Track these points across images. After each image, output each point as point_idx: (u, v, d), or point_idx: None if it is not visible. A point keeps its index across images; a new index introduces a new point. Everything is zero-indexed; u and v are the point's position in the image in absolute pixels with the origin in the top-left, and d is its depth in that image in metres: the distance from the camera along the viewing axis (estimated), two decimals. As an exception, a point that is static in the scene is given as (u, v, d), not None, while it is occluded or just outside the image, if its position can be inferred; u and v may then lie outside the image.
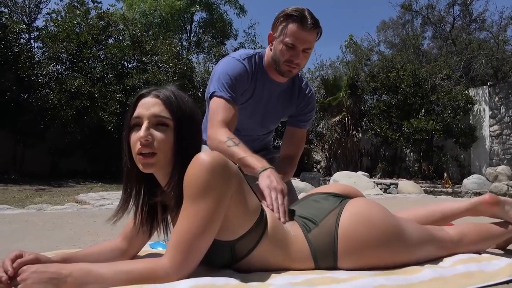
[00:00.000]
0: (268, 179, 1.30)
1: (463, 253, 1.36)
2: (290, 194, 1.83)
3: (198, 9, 18.72)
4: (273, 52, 1.67)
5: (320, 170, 15.39)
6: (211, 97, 1.64)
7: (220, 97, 1.61)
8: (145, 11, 18.04)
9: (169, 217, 1.20)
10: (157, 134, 1.05)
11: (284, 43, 1.60)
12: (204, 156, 1.00)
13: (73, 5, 13.21)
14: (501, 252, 1.53)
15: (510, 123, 11.25)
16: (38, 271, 0.90)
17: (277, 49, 1.64)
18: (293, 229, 1.19)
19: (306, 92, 1.86)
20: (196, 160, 1.00)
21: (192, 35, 19.76)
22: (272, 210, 1.21)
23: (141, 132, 1.04)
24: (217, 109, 1.59)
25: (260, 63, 1.74)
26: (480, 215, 1.52)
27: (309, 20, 1.57)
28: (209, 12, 19.65)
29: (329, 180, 9.70)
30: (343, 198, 1.31)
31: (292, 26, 1.58)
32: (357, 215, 1.19)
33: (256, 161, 1.39)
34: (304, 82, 1.88)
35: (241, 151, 1.43)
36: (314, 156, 16.18)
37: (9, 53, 10.29)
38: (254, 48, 18.09)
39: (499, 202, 1.49)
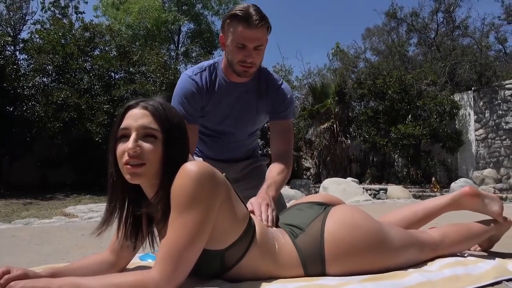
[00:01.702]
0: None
1: (448, 255, 1.38)
2: (278, 201, 1.85)
3: (185, 20, 18.77)
4: (226, 54, 1.67)
5: (310, 177, 15.44)
6: None
7: None
8: (130, 23, 18.00)
9: (155, 230, 1.19)
10: (146, 145, 1.04)
11: (235, 44, 1.58)
12: (191, 166, 1.00)
13: (56, 16, 13.16)
14: (486, 254, 1.56)
15: (495, 127, 11.45)
16: (26, 287, 0.89)
17: (229, 51, 1.63)
18: (281, 236, 1.21)
19: (276, 85, 1.80)
20: (183, 170, 1.00)
21: (180, 45, 19.80)
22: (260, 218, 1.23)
23: (130, 144, 1.03)
24: None
25: (215, 72, 1.74)
26: (462, 208, 1.54)
27: (254, 17, 1.53)
28: (197, 23, 19.72)
29: (319, 187, 9.74)
30: (327, 205, 1.34)
31: (238, 27, 1.55)
32: (341, 219, 1.22)
33: None
34: (272, 77, 1.82)
35: None
36: (304, 163, 16.23)
37: (-6, 66, 10.19)
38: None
39: (479, 194, 1.52)
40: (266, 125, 2.02)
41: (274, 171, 1.66)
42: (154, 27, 17.96)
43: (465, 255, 1.46)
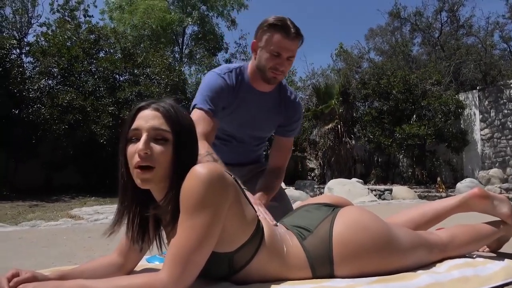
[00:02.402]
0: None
1: (456, 256, 1.37)
2: (283, 202, 1.88)
3: (190, 22, 18.80)
4: (257, 60, 1.71)
5: (315, 178, 15.41)
6: (192, 109, 1.69)
7: (201, 109, 1.65)
8: (136, 24, 18.06)
9: (163, 232, 1.19)
10: (156, 147, 1.04)
11: (270, 52, 1.64)
12: (200, 169, 1.00)
13: (64, 19, 13.24)
14: (495, 255, 1.55)
15: (500, 126, 11.38)
16: (35, 289, 0.89)
17: (262, 57, 1.68)
18: (289, 238, 1.20)
19: (292, 99, 1.89)
20: (193, 173, 1.00)
21: (184, 47, 19.84)
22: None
23: (140, 145, 1.03)
24: (198, 121, 1.61)
25: (241, 76, 1.78)
26: (471, 210, 1.54)
27: (292, 29, 1.62)
28: (201, 25, 19.76)
29: (323, 188, 9.72)
30: (335, 207, 1.33)
31: (276, 36, 1.63)
32: (350, 220, 1.21)
33: None
34: (290, 90, 1.91)
35: None
36: (308, 164, 16.20)
37: (0, 69, 10.25)
38: (245, 59, 18.23)
39: (488, 196, 1.51)
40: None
41: (267, 181, 1.80)
42: (159, 28, 18.00)
43: (474, 256, 1.45)
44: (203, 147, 1.53)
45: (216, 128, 1.68)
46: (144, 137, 1.04)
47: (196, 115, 1.64)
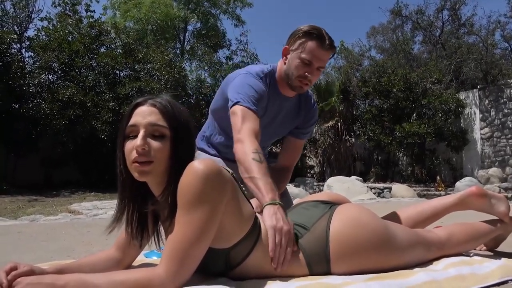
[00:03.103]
0: (274, 218, 1.17)
1: (453, 254, 1.38)
2: (284, 199, 1.88)
3: (194, 20, 18.74)
4: (287, 66, 1.70)
5: (314, 176, 15.42)
6: (233, 105, 1.58)
7: (248, 107, 1.56)
8: (140, 18, 17.99)
9: (161, 227, 1.20)
10: (154, 143, 1.05)
11: (301, 59, 1.63)
12: (198, 165, 1.00)
13: (65, 13, 13.19)
14: (492, 254, 1.55)
15: (500, 125, 11.38)
16: (33, 283, 0.90)
17: (292, 63, 1.66)
18: None
19: (311, 103, 1.90)
20: (190, 168, 1.01)
21: (185, 43, 19.79)
22: (271, 256, 1.13)
23: (138, 141, 1.04)
24: (246, 117, 1.53)
25: (273, 80, 1.76)
26: (469, 208, 1.54)
27: (327, 40, 1.62)
28: (204, 22, 19.69)
29: (323, 185, 9.73)
30: (332, 204, 1.34)
31: (311, 44, 1.62)
32: (347, 218, 1.21)
33: (268, 189, 1.28)
34: (309, 94, 1.91)
35: (260, 171, 1.33)
36: (308, 161, 16.21)
37: (0, 63, 10.23)
38: (245, 56, 18.15)
39: (486, 194, 1.51)
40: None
41: (274, 180, 1.73)
42: (164, 22, 17.94)
43: (471, 254, 1.46)
44: (253, 145, 1.42)
45: (259, 125, 1.58)
46: (141, 133, 1.05)
47: (244, 111, 1.54)
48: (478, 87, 12.38)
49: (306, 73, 1.64)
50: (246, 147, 1.42)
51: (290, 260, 1.15)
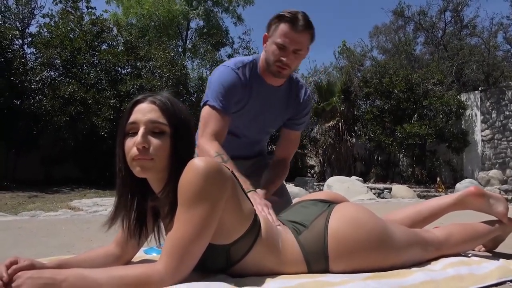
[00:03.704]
0: (252, 198, 1.32)
1: (451, 255, 1.38)
2: (284, 197, 1.88)
3: (195, 17, 18.72)
4: (266, 52, 1.69)
5: (314, 175, 15.42)
6: (203, 105, 1.67)
7: (213, 107, 1.64)
8: (143, 14, 17.97)
9: (161, 224, 1.20)
10: (154, 140, 1.05)
11: (276, 43, 1.62)
12: (198, 162, 1.01)
13: (67, 10, 13.19)
14: (490, 255, 1.56)
15: (501, 127, 11.37)
16: (33, 277, 0.90)
17: (269, 49, 1.66)
18: (285, 232, 1.21)
19: (303, 93, 1.87)
20: (191, 165, 1.01)
21: (188, 41, 19.77)
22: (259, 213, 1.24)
23: (138, 138, 1.04)
24: (209, 119, 1.63)
25: (255, 70, 1.75)
26: (467, 208, 1.54)
27: (300, 21, 1.58)
28: (206, 20, 19.66)
29: (323, 185, 9.73)
30: (331, 203, 1.34)
31: (283, 27, 1.60)
32: (345, 216, 1.22)
33: (241, 182, 1.41)
34: (300, 84, 1.89)
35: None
36: (308, 161, 16.20)
37: (2, 59, 10.23)
38: (247, 54, 18.18)
39: (484, 194, 1.51)
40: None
41: (271, 174, 1.79)
42: (167, 19, 17.90)
43: (469, 255, 1.46)
44: (212, 148, 1.53)
45: (227, 124, 1.66)
46: (141, 130, 1.05)
47: (207, 112, 1.63)
48: (480, 89, 12.37)
49: (282, 57, 1.62)
50: (207, 153, 1.53)
51: (289, 258, 1.16)
